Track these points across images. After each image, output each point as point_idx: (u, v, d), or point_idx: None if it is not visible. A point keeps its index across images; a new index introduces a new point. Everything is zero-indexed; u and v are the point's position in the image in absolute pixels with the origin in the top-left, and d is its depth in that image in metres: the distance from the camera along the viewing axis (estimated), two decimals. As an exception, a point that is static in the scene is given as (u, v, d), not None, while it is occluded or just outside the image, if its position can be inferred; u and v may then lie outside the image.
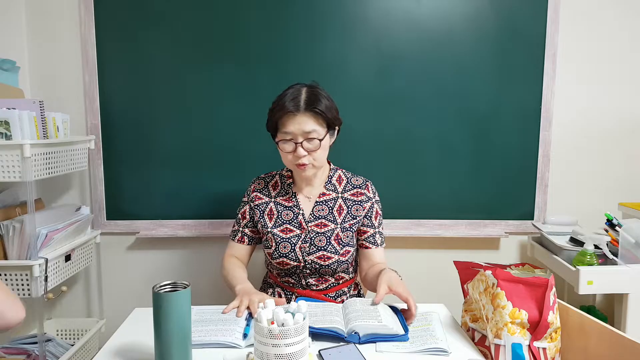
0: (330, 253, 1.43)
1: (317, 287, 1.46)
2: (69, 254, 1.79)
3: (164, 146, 2.00)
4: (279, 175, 1.54)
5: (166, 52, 1.96)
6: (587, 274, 1.59)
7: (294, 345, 0.91)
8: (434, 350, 1.07)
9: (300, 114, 1.33)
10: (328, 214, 1.46)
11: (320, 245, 1.43)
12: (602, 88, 2.04)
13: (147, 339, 1.10)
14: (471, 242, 2.11)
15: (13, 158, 1.53)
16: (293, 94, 1.36)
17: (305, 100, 1.34)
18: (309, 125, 1.34)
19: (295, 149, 1.35)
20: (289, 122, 1.34)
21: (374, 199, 1.51)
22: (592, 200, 2.09)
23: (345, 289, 1.51)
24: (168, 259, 2.11)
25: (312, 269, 1.44)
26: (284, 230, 1.45)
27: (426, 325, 1.18)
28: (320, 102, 1.35)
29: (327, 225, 1.45)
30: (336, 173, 1.52)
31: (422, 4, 1.95)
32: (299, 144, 1.34)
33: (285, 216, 1.47)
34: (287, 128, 1.34)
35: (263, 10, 1.94)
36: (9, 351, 1.76)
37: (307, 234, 1.44)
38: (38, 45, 1.98)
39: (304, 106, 1.33)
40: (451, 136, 2.02)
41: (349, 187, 1.51)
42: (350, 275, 1.53)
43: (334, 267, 1.44)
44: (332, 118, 1.38)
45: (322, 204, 1.47)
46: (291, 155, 1.36)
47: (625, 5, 2.00)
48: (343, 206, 1.48)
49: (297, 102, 1.34)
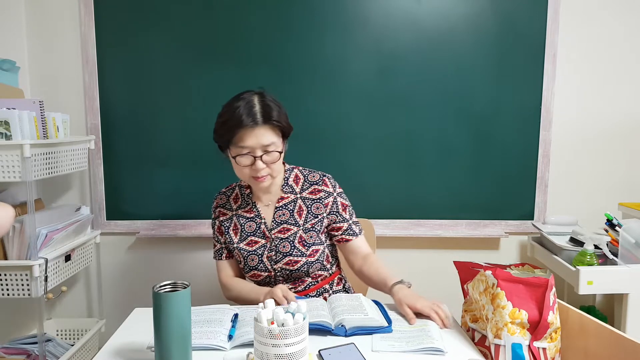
0: (297, 257, 1.40)
1: (294, 289, 1.44)
2: (69, 254, 1.79)
3: (164, 146, 2.00)
4: (238, 186, 1.50)
5: (166, 52, 1.96)
6: (587, 274, 1.59)
7: (294, 345, 0.91)
8: (430, 350, 1.07)
9: (258, 127, 1.29)
10: (289, 217, 1.42)
11: (285, 251, 1.40)
12: (602, 88, 2.04)
13: (147, 339, 1.10)
14: (471, 242, 2.11)
15: (13, 158, 1.53)
16: (247, 106, 1.30)
17: (261, 113, 1.29)
18: (267, 138, 1.30)
19: (253, 163, 1.31)
20: (246, 137, 1.28)
21: (334, 192, 1.46)
22: (592, 200, 2.09)
23: (326, 286, 1.48)
24: (168, 259, 2.11)
25: (284, 275, 1.42)
26: (249, 243, 1.43)
27: (422, 325, 1.18)
28: (275, 113, 1.31)
29: (289, 229, 1.42)
30: (292, 173, 1.47)
31: (422, 4, 1.95)
32: (257, 157, 1.30)
33: (249, 228, 1.44)
34: (245, 142, 1.29)
35: (263, 11, 1.94)
36: (9, 351, 1.76)
37: (271, 243, 1.42)
38: (38, 45, 1.98)
39: (262, 119, 1.29)
40: (451, 136, 2.02)
41: (306, 185, 1.45)
42: (330, 271, 1.49)
43: (305, 269, 1.41)
44: (287, 127, 1.35)
45: (282, 209, 1.43)
46: (248, 169, 1.32)
47: (625, 5, 2.00)
48: (303, 206, 1.43)
49: (253, 116, 1.28)
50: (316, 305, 1.23)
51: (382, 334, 1.14)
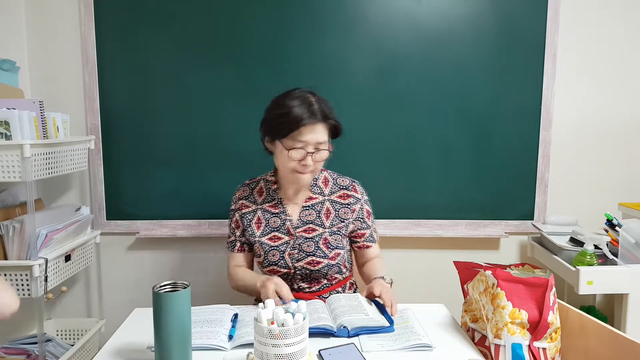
0: (320, 257, 1.41)
1: (309, 289, 1.45)
2: (69, 254, 1.79)
3: (164, 146, 2.00)
4: (263, 180, 1.51)
5: (166, 52, 1.96)
6: (587, 274, 1.59)
7: (294, 345, 0.91)
8: (419, 346, 1.08)
9: (317, 124, 1.32)
10: (316, 218, 1.44)
11: (308, 250, 1.41)
12: (602, 88, 2.04)
13: (147, 339, 1.10)
14: (471, 242, 2.11)
15: (13, 158, 1.53)
16: (304, 102, 1.33)
17: (320, 111, 1.33)
18: (322, 135, 1.34)
19: (304, 158, 1.33)
20: (305, 132, 1.31)
21: (362, 199, 1.49)
22: (592, 200, 2.09)
23: (339, 289, 1.49)
24: (168, 259, 2.11)
25: (303, 274, 1.43)
26: (272, 239, 1.44)
27: (404, 322, 1.19)
28: (332, 113, 1.36)
29: (315, 230, 1.43)
30: (321, 175, 1.49)
31: (422, 4, 1.95)
32: (310, 153, 1.33)
33: (273, 223, 1.45)
34: (303, 137, 1.31)
35: (263, 11, 1.94)
36: (9, 351, 1.76)
37: (295, 241, 1.43)
38: (38, 45, 1.98)
39: (321, 117, 1.32)
40: (451, 136, 2.02)
41: (335, 188, 1.48)
42: (344, 275, 1.51)
43: (324, 271, 1.43)
44: (340, 127, 1.39)
45: (309, 209, 1.45)
46: (296, 162, 1.34)
47: (624, 5, 2.00)
48: (330, 209, 1.46)
49: (314, 113, 1.32)
50: (316, 307, 1.23)
51: (369, 335, 1.14)
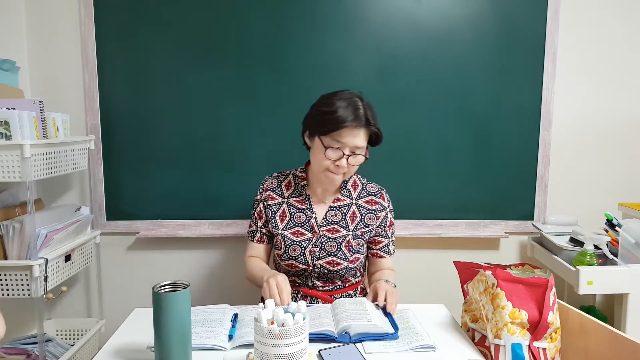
0: (340, 259, 1.42)
1: (323, 288, 1.46)
2: (68, 254, 1.79)
3: (164, 146, 2.00)
4: (293, 175, 1.52)
5: (166, 52, 1.96)
6: (587, 274, 1.59)
7: (294, 345, 0.91)
8: (422, 348, 1.08)
9: (359, 128, 1.33)
10: (341, 219, 1.45)
11: (330, 250, 1.42)
12: (602, 88, 2.04)
13: (147, 339, 1.10)
14: (471, 242, 2.11)
15: (13, 158, 1.53)
16: (352, 104, 1.33)
17: (364, 116, 1.33)
18: (362, 141, 1.34)
19: (339, 159, 1.34)
20: (347, 133, 1.32)
21: (388, 208, 1.51)
22: (592, 200, 2.09)
23: (351, 292, 1.50)
24: (168, 259, 2.11)
25: (320, 273, 1.44)
26: (295, 233, 1.45)
27: (405, 323, 1.19)
28: (376, 120, 1.36)
29: (339, 231, 1.44)
30: (351, 178, 1.51)
31: (422, 4, 1.95)
32: (346, 156, 1.34)
33: (298, 219, 1.46)
34: (343, 138, 1.32)
35: (263, 11, 1.94)
36: (9, 351, 1.76)
37: (318, 239, 1.43)
38: (38, 45, 1.98)
39: (365, 122, 1.33)
40: (451, 136, 2.02)
41: (363, 193, 1.50)
42: (357, 279, 1.52)
43: (342, 273, 1.43)
44: (380, 136, 1.39)
45: (336, 209, 1.46)
46: (330, 162, 1.35)
47: (624, 5, 2.00)
48: (357, 213, 1.47)
49: (359, 117, 1.32)
50: (319, 312, 1.21)
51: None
